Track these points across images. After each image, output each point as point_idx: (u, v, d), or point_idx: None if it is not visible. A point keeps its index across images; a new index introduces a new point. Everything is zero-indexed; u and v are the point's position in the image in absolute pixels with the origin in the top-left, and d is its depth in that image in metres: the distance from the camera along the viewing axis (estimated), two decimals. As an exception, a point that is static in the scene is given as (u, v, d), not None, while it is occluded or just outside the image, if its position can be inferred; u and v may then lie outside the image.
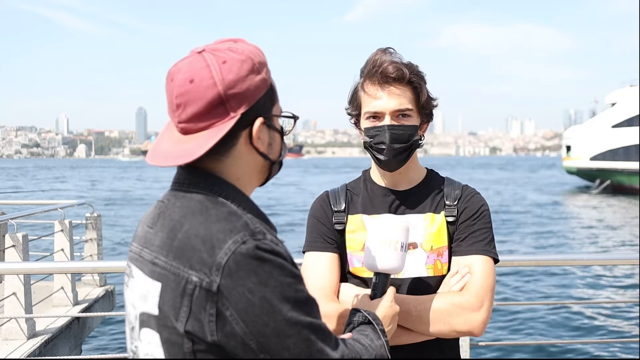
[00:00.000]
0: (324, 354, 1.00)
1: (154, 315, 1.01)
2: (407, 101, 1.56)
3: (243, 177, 1.11)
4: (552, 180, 58.36)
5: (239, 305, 0.95)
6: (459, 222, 1.61)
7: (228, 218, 1.01)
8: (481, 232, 1.59)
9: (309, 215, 1.71)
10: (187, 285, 0.97)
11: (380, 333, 1.24)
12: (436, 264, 1.58)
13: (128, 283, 1.12)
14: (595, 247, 18.80)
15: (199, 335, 0.96)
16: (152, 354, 1.03)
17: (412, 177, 1.67)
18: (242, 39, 1.10)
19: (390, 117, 1.56)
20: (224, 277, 0.95)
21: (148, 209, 1.18)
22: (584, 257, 3.64)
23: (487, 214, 1.64)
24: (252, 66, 1.05)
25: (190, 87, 1.02)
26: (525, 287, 12.17)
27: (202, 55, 1.05)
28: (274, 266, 0.98)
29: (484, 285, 1.53)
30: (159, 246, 1.04)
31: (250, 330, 0.95)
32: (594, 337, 8.83)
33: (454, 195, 1.64)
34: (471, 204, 1.63)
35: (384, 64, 1.55)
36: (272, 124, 1.12)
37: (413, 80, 1.56)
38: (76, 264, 3.98)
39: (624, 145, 37.17)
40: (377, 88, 1.57)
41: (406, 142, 1.57)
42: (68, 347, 5.46)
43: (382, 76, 1.55)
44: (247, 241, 0.98)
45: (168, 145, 1.07)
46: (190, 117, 1.03)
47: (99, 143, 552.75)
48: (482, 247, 1.58)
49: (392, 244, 1.38)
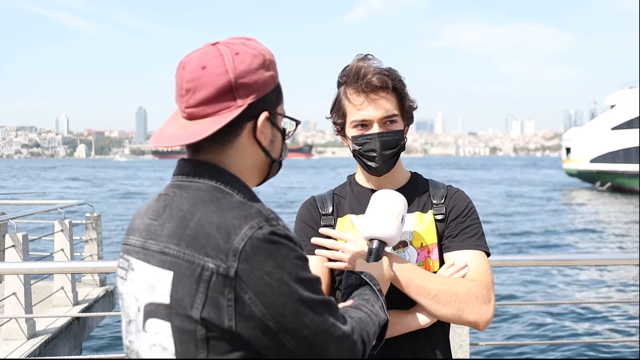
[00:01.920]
0: (336, 328, 1.06)
1: (164, 305, 1.02)
2: (393, 107, 1.60)
3: (245, 171, 1.13)
4: (554, 179, 58.37)
5: (258, 288, 0.97)
6: (448, 219, 1.65)
7: (241, 206, 1.04)
8: (472, 228, 1.64)
9: (296, 220, 1.73)
10: (204, 272, 0.98)
11: (378, 293, 1.30)
12: (427, 261, 1.61)
13: (126, 277, 1.12)
14: (596, 247, 18.80)
15: (214, 322, 0.98)
16: (161, 344, 1.03)
17: (397, 179, 1.71)
18: (254, 39, 1.13)
19: (378, 124, 1.60)
20: (241, 262, 0.97)
21: (144, 204, 1.18)
22: (583, 257, 3.65)
23: (475, 210, 1.69)
24: (263, 61, 1.09)
25: (202, 73, 1.05)
26: (525, 287, 12.18)
27: (215, 46, 1.09)
28: (288, 249, 1.01)
29: (489, 279, 1.58)
30: (168, 236, 1.04)
31: (270, 312, 0.98)
32: (594, 337, 8.83)
33: (440, 194, 1.69)
34: (459, 202, 1.68)
35: (368, 73, 1.57)
36: (275, 122, 1.14)
37: (397, 86, 1.60)
38: (76, 264, 3.99)
39: (623, 147, 37.18)
40: (363, 98, 1.59)
41: (395, 147, 1.62)
42: (68, 347, 5.47)
43: (366, 85, 1.57)
44: (263, 226, 1.00)
45: (173, 129, 1.10)
46: (198, 101, 1.06)
47: (99, 143, 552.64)
48: (474, 241, 1.63)
49: (395, 214, 1.46)
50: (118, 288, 1.16)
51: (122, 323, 1.14)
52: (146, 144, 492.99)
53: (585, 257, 3.76)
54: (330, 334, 1.04)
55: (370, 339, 1.16)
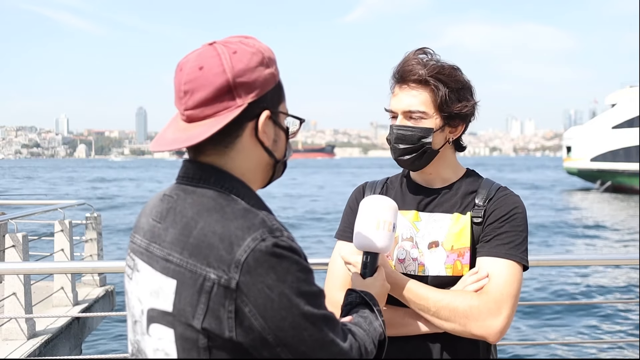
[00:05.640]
0: (335, 344, 1.04)
1: (167, 312, 1.01)
2: (420, 102, 1.54)
3: (248, 173, 1.11)
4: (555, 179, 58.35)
5: (258, 301, 0.97)
6: (486, 223, 1.56)
7: (245, 215, 1.02)
8: (508, 235, 1.53)
9: (346, 205, 1.73)
10: (205, 282, 0.97)
11: (377, 313, 1.28)
12: (456, 264, 1.55)
13: (132, 276, 1.11)
14: (596, 247, 18.79)
15: (215, 332, 0.97)
16: (164, 349, 1.03)
17: (446, 177, 1.65)
18: (253, 37, 1.11)
19: (403, 117, 1.57)
20: (243, 274, 0.96)
21: (150, 201, 1.16)
22: (584, 257, 3.64)
23: (520, 217, 1.56)
24: (261, 59, 1.07)
25: (200, 74, 1.03)
26: (525, 287, 12.17)
27: (213, 46, 1.06)
28: (291, 262, 1.00)
29: (505, 291, 1.48)
30: (171, 242, 1.03)
31: (269, 325, 0.97)
32: (594, 337, 8.83)
33: (485, 196, 1.59)
34: (502, 205, 1.57)
35: (406, 64, 1.55)
36: (278, 121, 1.12)
37: (430, 81, 1.52)
38: (76, 264, 3.99)
39: (624, 146, 37.18)
40: (396, 87, 1.58)
41: (414, 143, 1.55)
42: (68, 347, 5.46)
43: (399, 75, 1.56)
44: (266, 238, 0.99)
45: (172, 133, 1.08)
46: (197, 103, 1.04)
47: (99, 143, 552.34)
48: (506, 250, 1.52)
49: (386, 224, 1.42)
50: (124, 285, 1.15)
51: (128, 321, 1.14)
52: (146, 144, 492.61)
53: (585, 257, 3.75)
54: (328, 351, 1.03)
55: (368, 357, 1.14)
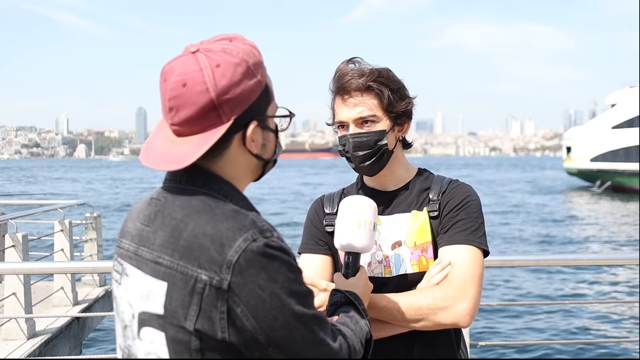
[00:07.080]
0: (325, 344, 1.05)
1: (158, 315, 1.01)
2: (368, 108, 1.58)
3: (237, 177, 1.11)
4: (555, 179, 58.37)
5: (250, 301, 0.97)
6: (442, 215, 1.61)
7: (235, 216, 1.02)
8: (464, 222, 1.58)
9: (306, 218, 1.77)
10: (197, 284, 0.98)
11: (363, 312, 1.29)
12: (421, 260, 1.59)
13: (120, 281, 1.11)
14: (595, 247, 18.80)
15: (208, 333, 0.98)
16: (156, 353, 1.03)
17: (400, 177, 1.69)
18: (237, 36, 1.09)
19: (355, 125, 1.60)
20: (235, 275, 0.97)
21: (136, 205, 1.17)
22: (584, 257, 3.65)
23: (474, 204, 1.61)
24: (246, 69, 1.04)
25: (183, 91, 1.02)
26: (525, 287, 12.17)
27: (195, 56, 1.04)
28: (281, 262, 1.01)
29: (467, 276, 1.52)
30: (161, 245, 1.03)
31: (260, 325, 0.98)
32: (594, 337, 8.83)
33: (438, 190, 1.64)
34: (455, 196, 1.61)
35: (343, 76, 1.59)
36: (266, 125, 1.12)
37: (372, 86, 1.57)
38: (76, 264, 3.99)
39: (624, 146, 37.18)
40: (340, 99, 1.61)
41: (371, 147, 1.59)
42: (68, 347, 5.46)
43: (341, 87, 1.60)
44: (257, 239, 0.99)
45: (162, 145, 1.08)
46: (182, 121, 1.04)
47: (99, 143, 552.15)
48: (464, 236, 1.56)
49: (366, 224, 1.43)
50: (113, 290, 1.16)
51: (117, 326, 1.14)
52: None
53: (585, 257, 3.76)
54: (319, 351, 1.04)
55: (357, 356, 1.14)
